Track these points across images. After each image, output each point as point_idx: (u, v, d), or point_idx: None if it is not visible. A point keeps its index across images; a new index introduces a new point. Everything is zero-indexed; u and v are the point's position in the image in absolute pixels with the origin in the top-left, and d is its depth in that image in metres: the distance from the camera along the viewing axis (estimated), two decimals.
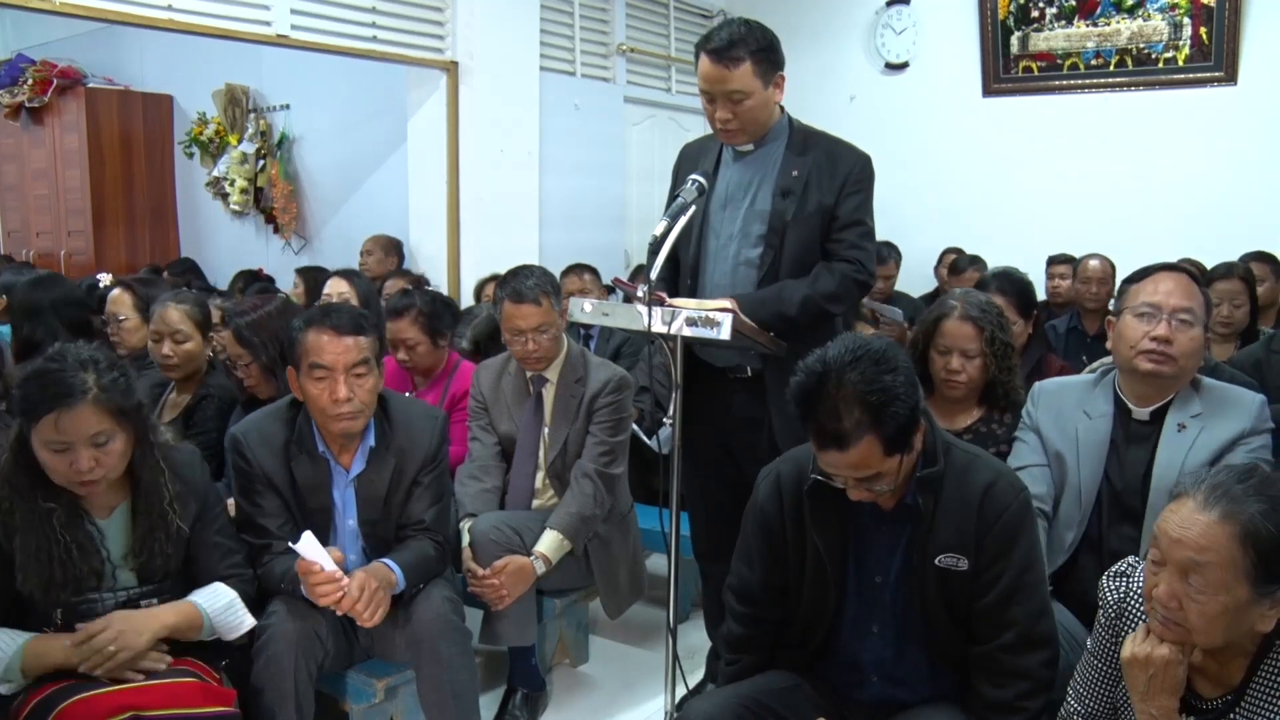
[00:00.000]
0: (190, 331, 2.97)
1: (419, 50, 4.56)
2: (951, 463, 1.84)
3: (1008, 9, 5.42)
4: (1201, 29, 4.97)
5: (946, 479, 1.83)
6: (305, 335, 2.29)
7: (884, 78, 5.90)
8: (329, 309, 2.38)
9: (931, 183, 5.69)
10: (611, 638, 3.42)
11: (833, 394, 1.68)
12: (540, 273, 2.87)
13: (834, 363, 1.70)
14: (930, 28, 5.71)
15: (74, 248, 7.09)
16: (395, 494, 2.42)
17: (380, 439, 2.40)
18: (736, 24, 2.48)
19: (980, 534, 1.81)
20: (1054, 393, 2.41)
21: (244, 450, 2.36)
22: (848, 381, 1.68)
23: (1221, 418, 2.18)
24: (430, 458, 2.45)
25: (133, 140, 7.13)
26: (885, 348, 1.72)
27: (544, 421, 2.91)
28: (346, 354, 2.27)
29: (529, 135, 4.96)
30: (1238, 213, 4.89)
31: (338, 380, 2.26)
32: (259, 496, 2.35)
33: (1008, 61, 5.48)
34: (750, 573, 2.01)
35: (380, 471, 2.40)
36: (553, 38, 5.12)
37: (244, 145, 6.58)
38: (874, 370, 1.69)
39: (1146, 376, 2.21)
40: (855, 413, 1.67)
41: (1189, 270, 2.29)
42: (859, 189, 2.55)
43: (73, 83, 6.97)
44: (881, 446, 1.69)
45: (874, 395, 1.67)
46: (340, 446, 2.38)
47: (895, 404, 1.68)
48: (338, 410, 2.26)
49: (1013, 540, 1.81)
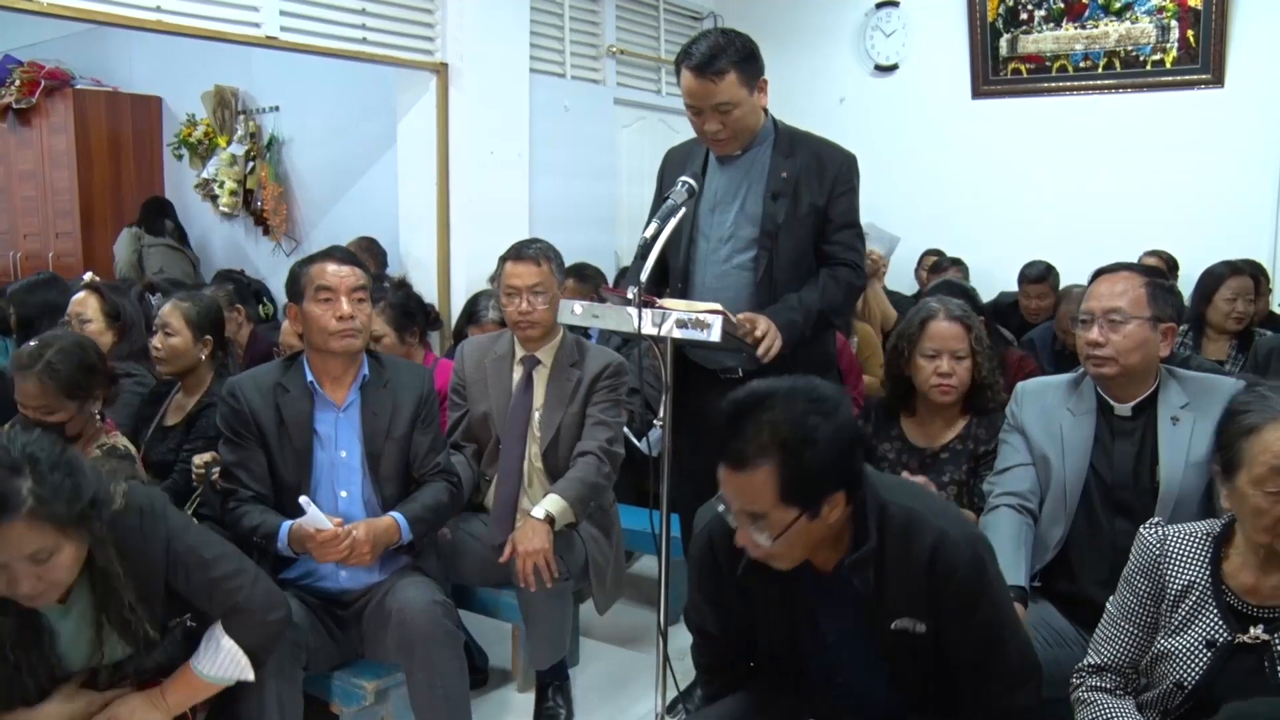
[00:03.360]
0: (179, 327, 2.96)
1: (408, 52, 4.56)
2: (890, 529, 1.70)
3: (996, 11, 5.44)
4: (1189, 32, 4.99)
5: (888, 547, 1.70)
6: (308, 269, 2.50)
7: (873, 79, 5.92)
8: (327, 249, 2.58)
9: (921, 184, 5.71)
10: (602, 639, 3.42)
11: (757, 416, 1.59)
12: (545, 243, 2.92)
13: (774, 391, 1.62)
14: (919, 30, 5.73)
15: (62, 249, 7.06)
16: (396, 426, 2.53)
17: (374, 374, 2.55)
18: (714, 35, 2.49)
19: (935, 597, 1.70)
20: (1037, 392, 2.42)
21: (235, 391, 2.50)
22: (775, 408, 1.59)
23: (1210, 404, 2.18)
24: (425, 397, 2.59)
25: (121, 142, 7.10)
26: (831, 396, 1.63)
27: (534, 404, 2.86)
28: (347, 278, 2.47)
29: (519, 137, 4.96)
30: (1225, 214, 4.92)
31: (340, 300, 2.45)
32: (242, 448, 2.47)
33: (996, 64, 5.50)
34: (703, 617, 1.96)
35: (380, 403, 2.53)
36: (542, 39, 5.11)
37: (233, 147, 6.55)
38: (805, 408, 1.59)
39: (1099, 378, 2.28)
40: (765, 437, 1.57)
41: (1129, 266, 2.36)
42: (848, 189, 2.59)
43: (60, 84, 6.93)
44: (777, 486, 1.57)
45: (792, 430, 1.57)
46: (332, 380, 2.51)
47: (810, 448, 1.56)
48: (342, 326, 2.44)
49: (974, 597, 1.69)
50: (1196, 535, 1.76)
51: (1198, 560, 1.73)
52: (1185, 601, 1.72)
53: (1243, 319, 3.83)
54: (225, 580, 1.97)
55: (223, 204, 6.59)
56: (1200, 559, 1.73)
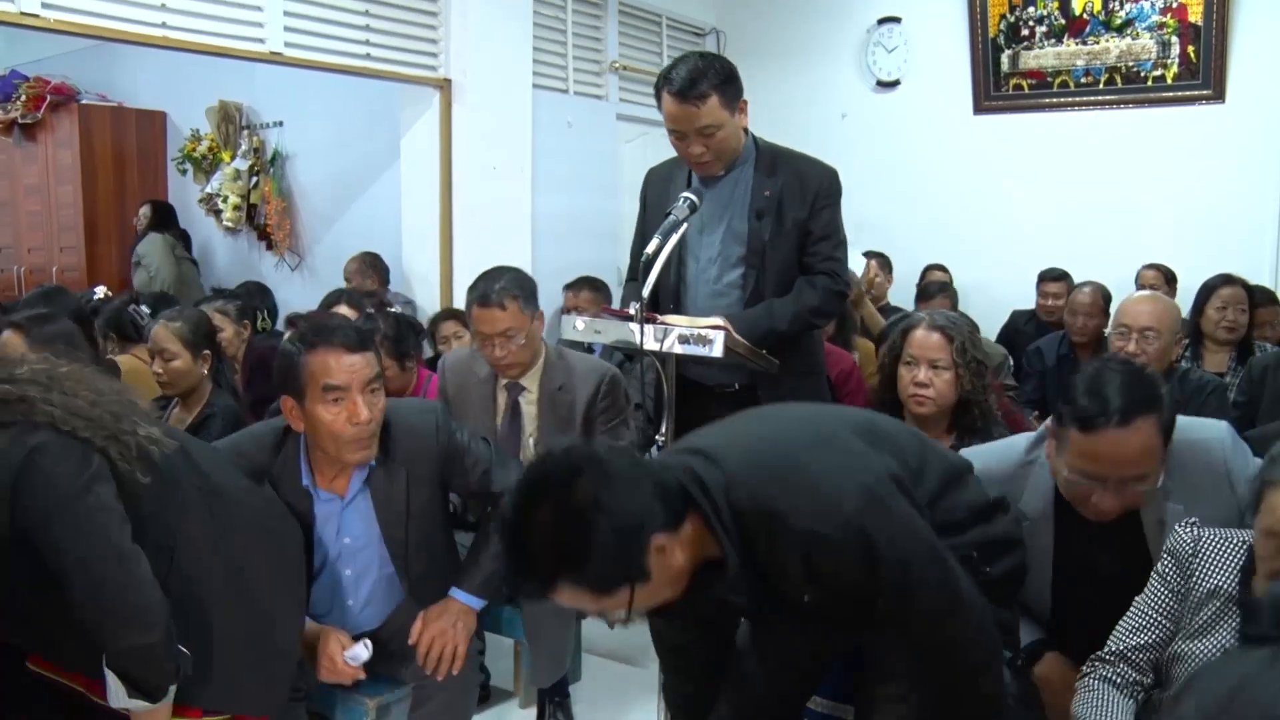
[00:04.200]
0: (177, 350, 2.94)
1: (412, 68, 4.58)
2: (754, 538, 1.55)
3: (998, 27, 5.46)
4: (1189, 48, 5.01)
5: (759, 556, 1.55)
6: (308, 358, 2.09)
7: (875, 95, 5.93)
8: (330, 328, 2.18)
9: (923, 199, 5.72)
10: (604, 655, 3.41)
11: (522, 542, 1.45)
12: (511, 275, 2.72)
13: (521, 508, 1.46)
14: (921, 46, 5.74)
15: (66, 264, 7.08)
16: (417, 501, 2.26)
17: (381, 455, 2.22)
18: (694, 59, 2.52)
19: (827, 587, 1.56)
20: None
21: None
22: (536, 531, 1.43)
23: (1195, 489, 1.86)
24: (445, 454, 2.28)
25: (126, 156, 7.13)
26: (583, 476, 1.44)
27: (525, 431, 2.80)
28: (360, 371, 2.09)
29: (522, 152, 4.97)
30: (1225, 229, 4.92)
31: (355, 400, 2.07)
32: None
33: (998, 79, 5.52)
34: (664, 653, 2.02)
35: (393, 488, 2.23)
36: (545, 55, 5.13)
37: (237, 162, 6.57)
38: (560, 515, 1.42)
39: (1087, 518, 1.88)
40: (545, 565, 1.44)
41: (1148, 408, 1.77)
42: (829, 203, 2.64)
43: (66, 99, 6.97)
44: (588, 591, 1.45)
45: (563, 546, 1.42)
46: (334, 474, 2.23)
47: (592, 552, 1.40)
48: (358, 433, 2.09)
49: (867, 575, 1.54)
50: (1232, 542, 1.70)
51: (1229, 566, 1.68)
52: (1209, 605, 1.67)
53: (1234, 328, 3.80)
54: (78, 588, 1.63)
55: (226, 219, 6.61)
56: (1231, 565, 1.68)
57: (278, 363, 2.19)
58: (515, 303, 2.65)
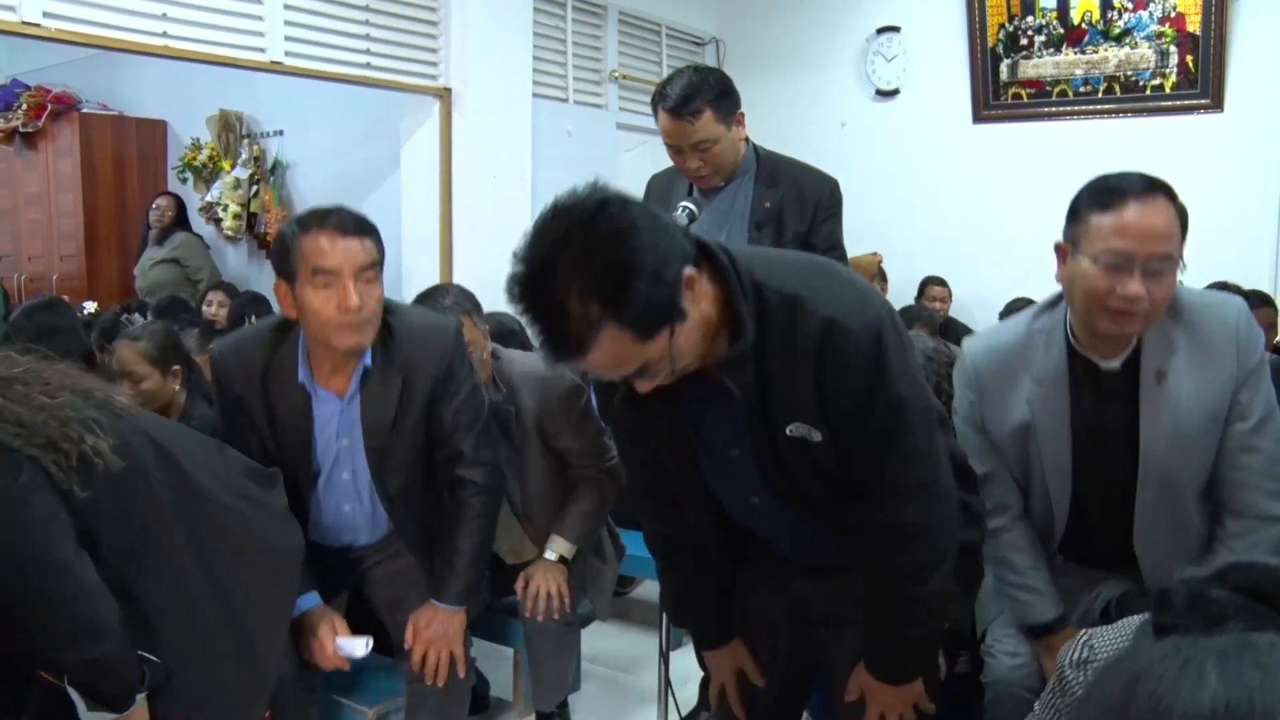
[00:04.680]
0: (146, 371, 2.81)
1: (412, 77, 4.59)
2: (771, 320, 1.45)
3: (997, 37, 5.47)
4: (1188, 57, 5.02)
5: (770, 341, 1.45)
6: (302, 240, 2.01)
7: (875, 104, 5.94)
8: (326, 211, 2.08)
9: (922, 208, 5.72)
10: (603, 665, 3.40)
11: (552, 289, 1.30)
12: (457, 291, 2.66)
13: (545, 248, 1.32)
14: (920, 55, 5.76)
15: (66, 272, 7.08)
16: (406, 417, 2.14)
17: (380, 358, 2.12)
18: (688, 74, 2.52)
19: (827, 397, 1.47)
20: (985, 363, 2.00)
21: (220, 374, 2.17)
22: (564, 267, 1.29)
23: (1203, 351, 1.85)
24: (445, 373, 2.17)
25: (126, 165, 7.14)
26: (609, 204, 1.34)
27: None
28: (355, 256, 1.99)
29: (521, 161, 4.98)
30: (1224, 238, 4.91)
31: (346, 285, 1.97)
32: (234, 432, 2.16)
33: (997, 88, 5.53)
34: (629, 461, 1.86)
35: (385, 394, 2.12)
36: (545, 64, 5.15)
37: (237, 171, 6.59)
38: (592, 243, 1.29)
39: (1103, 336, 1.85)
40: (582, 306, 1.28)
41: (1165, 187, 1.87)
42: (830, 214, 2.63)
43: (67, 108, 6.98)
44: (631, 334, 1.30)
45: (602, 276, 1.28)
46: (331, 369, 2.12)
47: (632, 279, 1.27)
48: (347, 319, 1.98)
49: (869, 395, 1.46)
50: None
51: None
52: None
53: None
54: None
55: (226, 227, 6.62)
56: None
57: (274, 244, 2.11)
58: (469, 317, 2.55)
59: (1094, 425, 1.89)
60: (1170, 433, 1.83)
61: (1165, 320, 1.85)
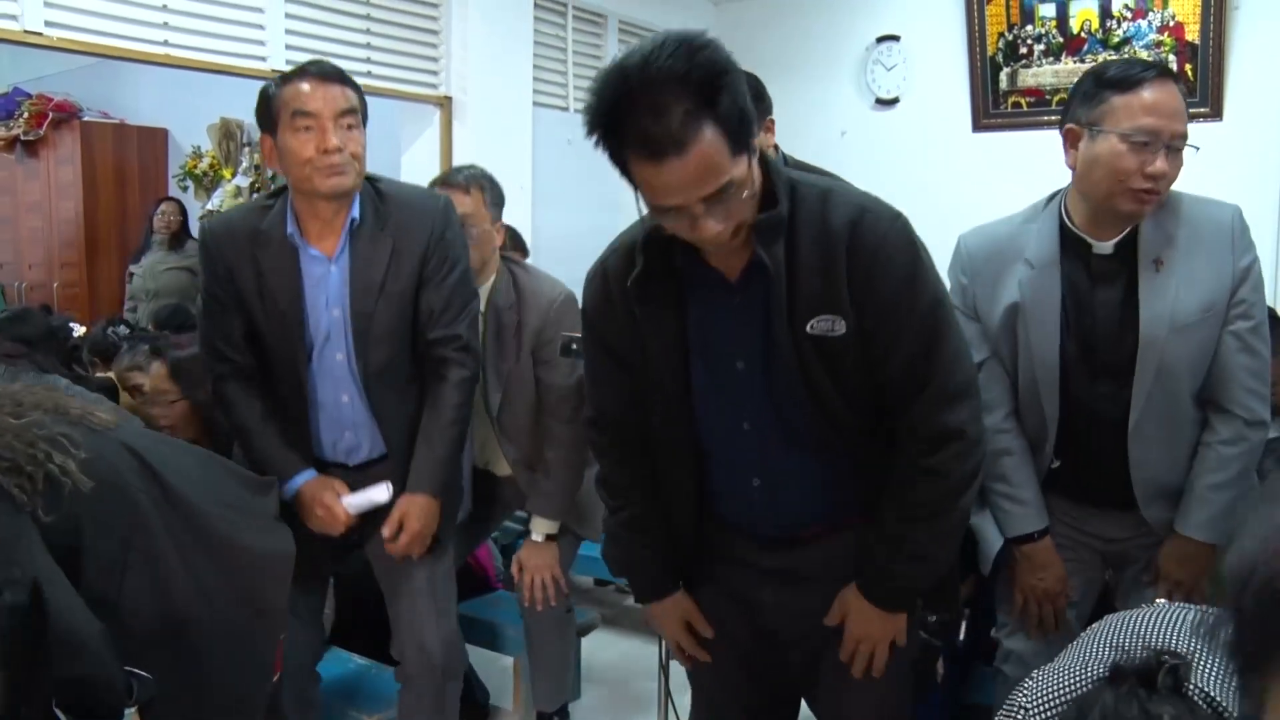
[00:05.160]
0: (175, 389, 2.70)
1: (412, 85, 4.60)
2: (801, 202, 1.51)
3: (996, 46, 5.48)
4: (1186, 66, 5.03)
5: (799, 222, 1.49)
6: (282, 90, 2.04)
7: (875, 113, 5.95)
8: (306, 63, 2.12)
9: (923, 216, 5.63)
10: (603, 672, 3.40)
11: (643, 92, 1.33)
12: (478, 170, 2.68)
13: (632, 61, 1.35)
14: (920, 64, 5.77)
15: (66, 280, 7.09)
16: (395, 281, 2.11)
17: (370, 216, 2.11)
18: None
19: (856, 284, 1.49)
20: (983, 249, 2.08)
21: (208, 242, 2.15)
22: (656, 69, 1.31)
23: (1199, 245, 1.89)
24: (434, 241, 2.15)
25: (127, 173, 7.15)
26: (682, 35, 1.36)
27: None
28: (334, 100, 2.02)
29: (522, 170, 4.99)
30: None
31: (326, 127, 1.99)
32: (218, 313, 2.14)
33: (997, 97, 5.54)
34: (600, 393, 1.78)
35: (375, 252, 2.09)
36: (545, 73, 5.16)
37: (238, 179, 6.59)
38: (685, 47, 1.32)
39: (1122, 216, 1.89)
40: (680, 102, 1.31)
41: (1170, 70, 1.96)
42: None
43: (68, 116, 7.00)
44: (725, 138, 1.35)
45: (696, 72, 1.31)
46: (320, 228, 2.10)
47: (724, 77, 1.33)
48: (327, 161, 1.99)
49: (907, 282, 1.50)
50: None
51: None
52: None
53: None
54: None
55: None
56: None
57: (258, 103, 2.10)
58: (481, 192, 2.58)
59: (1086, 306, 1.89)
60: (1169, 319, 1.83)
61: (1160, 213, 1.90)
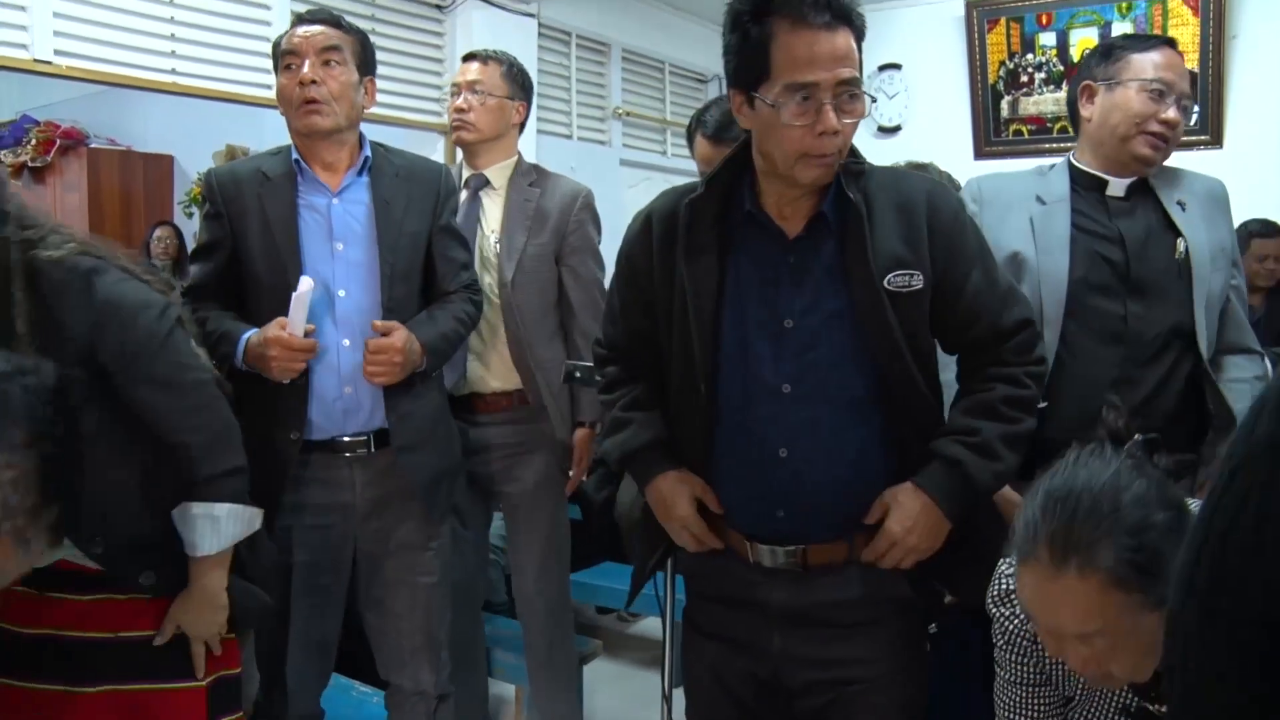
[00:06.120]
0: None
1: (415, 113, 4.63)
2: (877, 178, 1.63)
3: (997, 74, 5.52)
4: None
5: (878, 190, 1.60)
6: (282, 38, 2.17)
7: (877, 141, 5.98)
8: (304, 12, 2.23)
9: None
10: (606, 702, 3.38)
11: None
12: (506, 54, 2.78)
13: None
14: (922, 92, 5.81)
15: None
16: (410, 219, 2.15)
17: (381, 161, 2.19)
18: (724, 102, 2.57)
19: (938, 246, 1.59)
20: (989, 183, 2.24)
21: (212, 184, 2.17)
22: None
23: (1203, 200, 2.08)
24: (445, 194, 2.26)
25: (133, 199, 7.19)
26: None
27: (486, 226, 2.70)
28: (315, 38, 2.09)
29: None
30: None
31: (303, 63, 2.07)
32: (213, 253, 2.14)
33: (998, 125, 5.57)
34: (615, 328, 1.81)
35: (394, 190, 2.15)
36: (549, 101, 5.19)
37: None
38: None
39: (1137, 159, 2.05)
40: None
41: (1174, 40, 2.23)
42: None
43: (75, 143, 7.04)
44: (856, 41, 1.54)
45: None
46: (322, 165, 2.16)
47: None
48: (302, 95, 2.05)
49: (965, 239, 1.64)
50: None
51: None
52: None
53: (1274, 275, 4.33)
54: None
55: None
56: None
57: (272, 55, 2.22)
58: (500, 67, 2.69)
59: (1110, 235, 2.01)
60: (1207, 249, 2.00)
61: (1162, 174, 2.09)
